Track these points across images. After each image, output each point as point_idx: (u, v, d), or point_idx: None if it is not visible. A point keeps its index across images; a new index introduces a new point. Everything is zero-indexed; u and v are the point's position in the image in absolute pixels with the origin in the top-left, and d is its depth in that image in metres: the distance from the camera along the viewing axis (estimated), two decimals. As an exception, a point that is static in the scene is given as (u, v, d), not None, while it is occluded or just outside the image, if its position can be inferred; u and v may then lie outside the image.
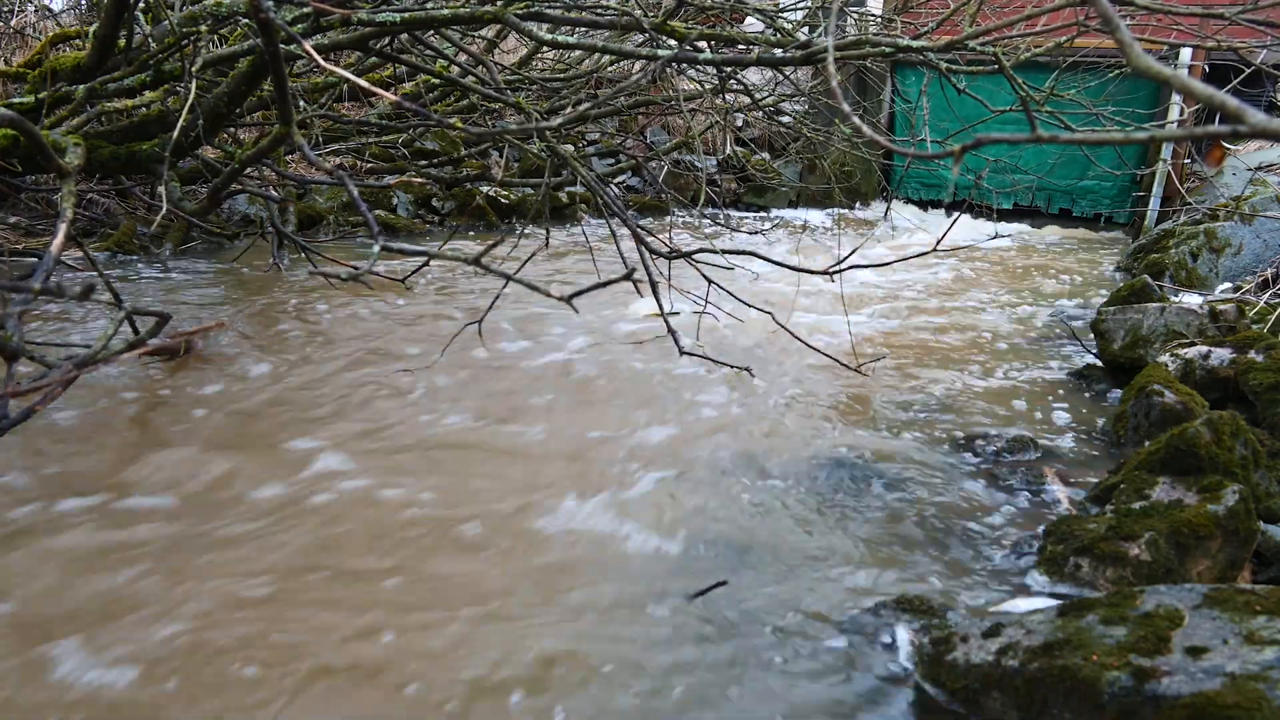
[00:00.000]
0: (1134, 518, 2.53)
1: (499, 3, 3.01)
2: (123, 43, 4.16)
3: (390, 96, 1.45)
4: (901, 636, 2.26)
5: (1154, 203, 9.11)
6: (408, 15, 3.09)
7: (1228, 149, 8.50)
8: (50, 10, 7.57)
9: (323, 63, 1.50)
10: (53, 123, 4.12)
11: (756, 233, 7.21)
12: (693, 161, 9.71)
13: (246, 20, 3.97)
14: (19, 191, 5.71)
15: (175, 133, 3.39)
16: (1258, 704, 1.61)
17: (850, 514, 2.97)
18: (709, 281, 3.89)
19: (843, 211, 10.43)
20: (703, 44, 3.50)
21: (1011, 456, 3.45)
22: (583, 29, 3.97)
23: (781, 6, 5.74)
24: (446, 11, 3.10)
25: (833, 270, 3.24)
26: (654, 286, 3.17)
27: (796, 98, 7.59)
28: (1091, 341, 4.75)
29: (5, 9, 7.32)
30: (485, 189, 8.59)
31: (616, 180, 9.23)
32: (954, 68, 3.64)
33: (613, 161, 9.24)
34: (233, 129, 5.81)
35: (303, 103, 4.74)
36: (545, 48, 4.85)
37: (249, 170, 5.27)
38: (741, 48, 3.21)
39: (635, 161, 7.71)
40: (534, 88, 5.80)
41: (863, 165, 10.53)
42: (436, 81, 5.56)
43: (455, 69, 4.55)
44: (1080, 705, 1.81)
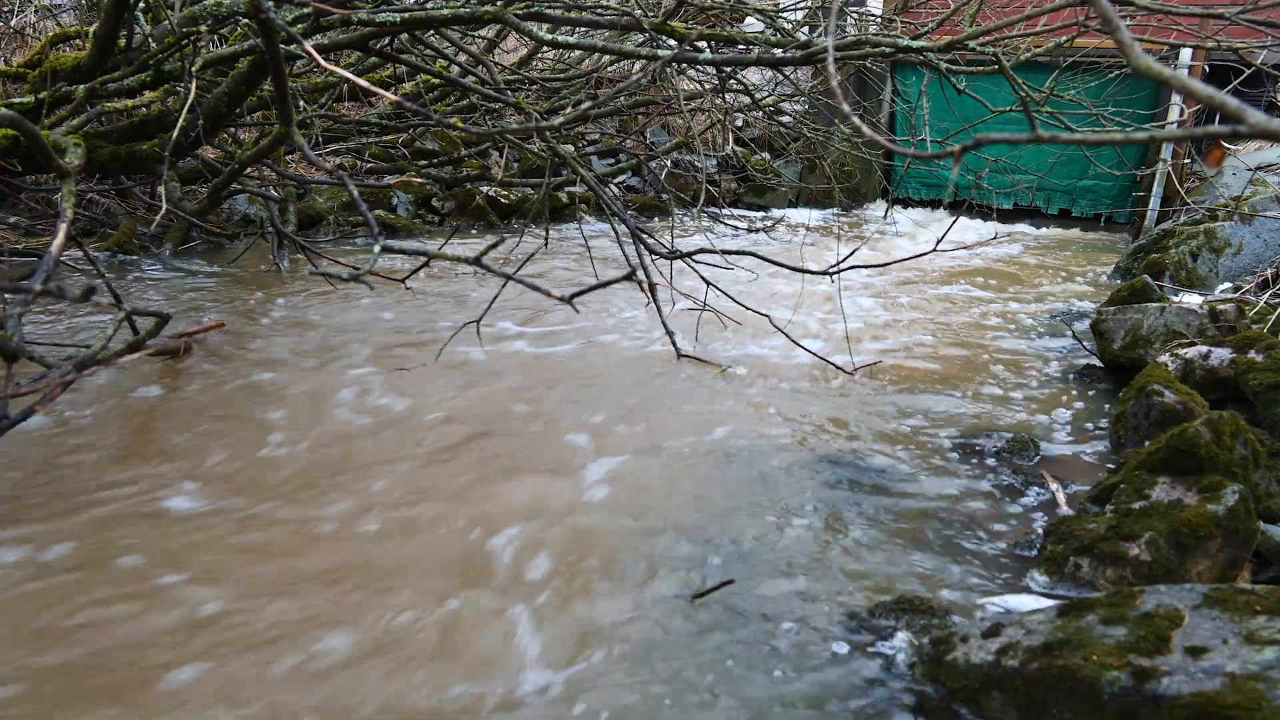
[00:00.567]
0: (1134, 518, 2.53)
1: (499, 3, 3.02)
2: (123, 43, 4.16)
3: (390, 96, 1.45)
4: (901, 636, 2.26)
5: (1154, 203, 9.10)
6: (408, 15, 3.09)
7: (1228, 149, 8.51)
8: (50, 10, 7.57)
9: (323, 63, 1.50)
10: (53, 123, 4.12)
11: (756, 231, 7.20)
12: (693, 161, 9.71)
13: (246, 20, 3.97)
14: (19, 191, 5.71)
15: (175, 133, 3.40)
16: (1258, 704, 1.61)
17: (849, 514, 2.97)
18: (707, 283, 3.90)
19: (842, 211, 10.43)
20: (703, 44, 3.50)
21: (1011, 457, 3.45)
22: (583, 29, 3.97)
23: (781, 6, 5.74)
24: (446, 11, 3.11)
25: (832, 270, 3.25)
26: (653, 287, 3.17)
27: (796, 98, 7.59)
28: (1091, 341, 4.75)
29: (5, 9, 7.32)
30: (485, 189, 8.59)
31: (616, 180, 9.22)
32: (954, 68, 3.65)
33: (613, 161, 9.24)
34: (233, 129, 5.81)
35: (303, 103, 4.74)
36: (545, 48, 4.86)
37: (249, 170, 5.27)
38: (741, 48, 3.21)
39: (635, 161, 7.71)
40: (534, 88, 5.81)
41: (863, 165, 10.54)
42: (436, 81, 5.56)
43: (455, 69, 4.55)
44: (1080, 705, 1.81)
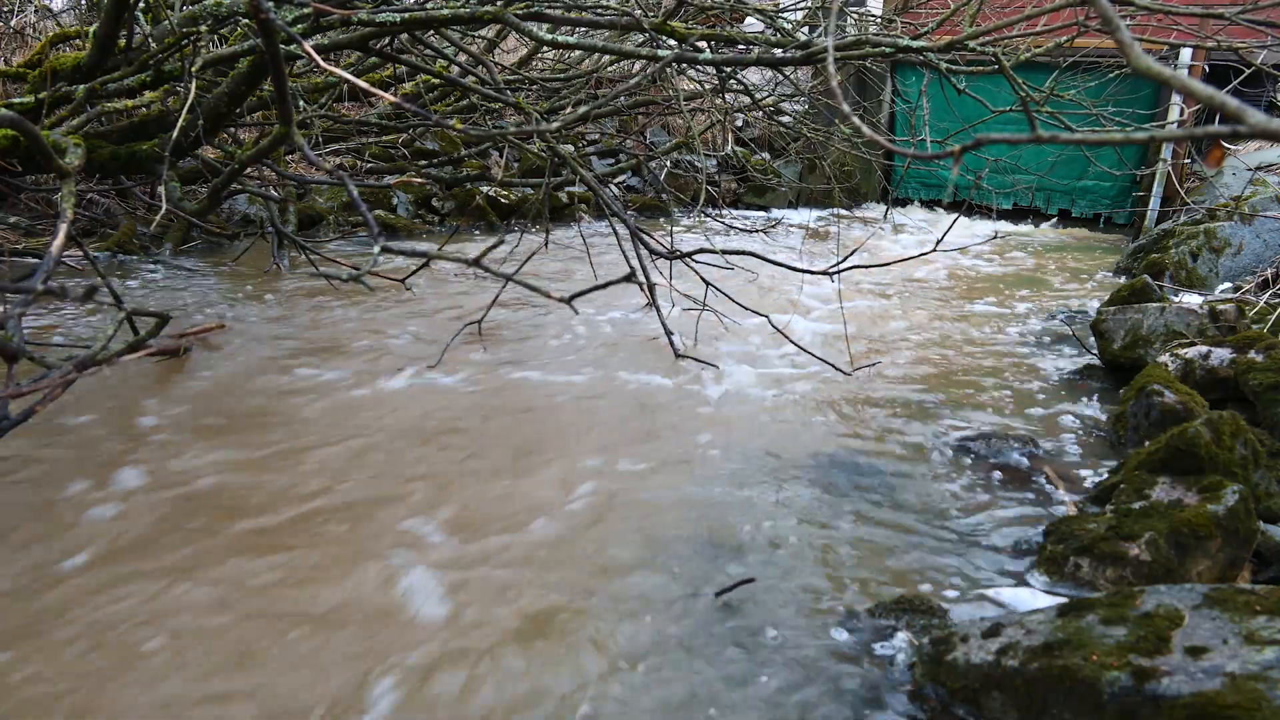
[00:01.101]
0: (1134, 518, 2.53)
1: (499, 3, 3.02)
2: (123, 43, 4.16)
3: (390, 97, 1.45)
4: (901, 636, 2.26)
5: (1154, 203, 9.10)
6: (408, 15, 3.09)
7: (1228, 149, 8.50)
8: (50, 10, 7.57)
9: (323, 63, 1.50)
10: (53, 123, 4.11)
11: (756, 231, 7.20)
12: (693, 161, 9.70)
13: (246, 20, 3.97)
14: (19, 191, 5.71)
15: (175, 133, 3.39)
16: (1258, 704, 1.61)
17: (849, 514, 2.97)
18: (707, 284, 3.89)
19: (843, 211, 10.43)
20: (703, 44, 3.50)
21: (1011, 456, 3.45)
22: (583, 29, 3.97)
23: (781, 6, 5.74)
24: (446, 11, 3.10)
25: (832, 271, 3.24)
26: (652, 288, 3.17)
27: (796, 98, 7.59)
28: (1091, 341, 4.74)
29: (5, 9, 7.32)
30: (485, 189, 8.59)
31: (616, 180, 9.22)
32: (954, 68, 3.65)
33: (613, 161, 9.24)
34: (233, 129, 5.81)
35: (303, 103, 4.74)
36: (545, 48, 4.85)
37: (249, 170, 5.27)
38: (741, 48, 3.21)
39: (635, 161, 7.71)
40: (534, 88, 5.80)
41: (863, 165, 10.54)
42: (436, 81, 5.56)
43: (455, 69, 4.55)
44: (1080, 705, 1.81)
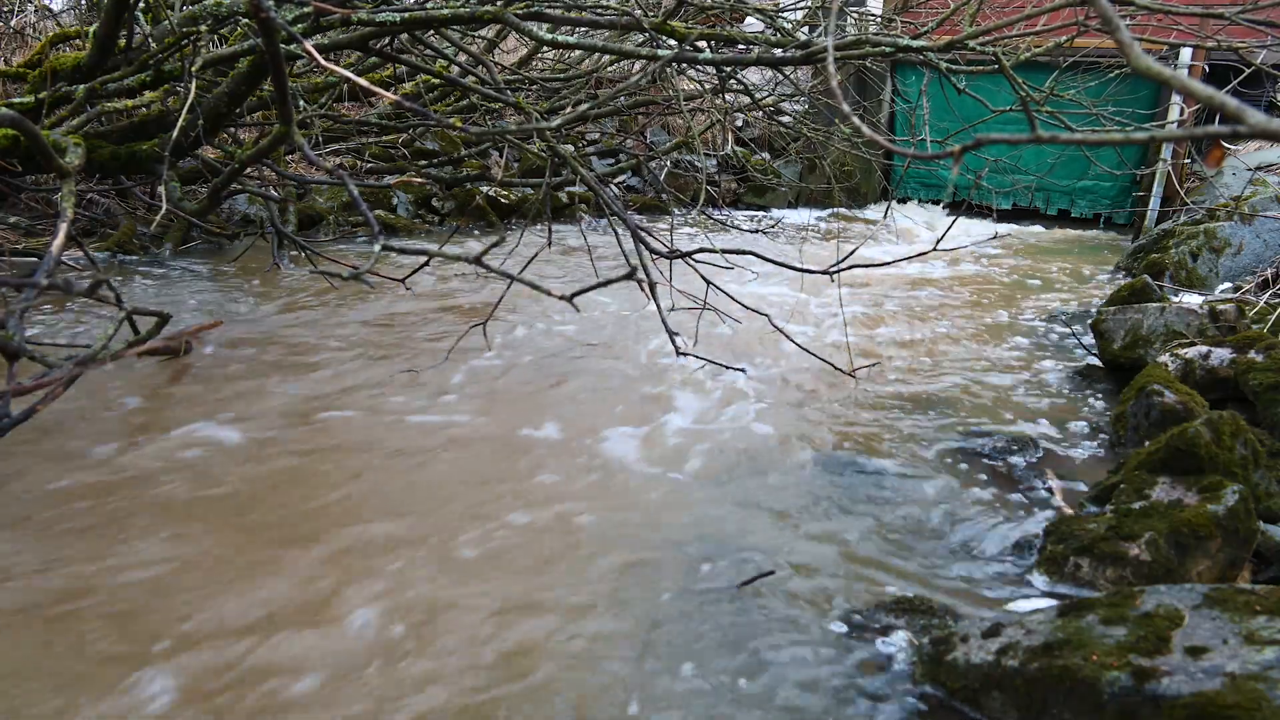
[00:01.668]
0: (1134, 518, 2.53)
1: (499, 3, 3.02)
2: (123, 43, 4.16)
3: (390, 96, 1.45)
4: (901, 636, 2.26)
5: (1154, 203, 9.11)
6: (408, 15, 3.09)
7: (1228, 149, 8.50)
8: (50, 10, 7.57)
9: (323, 62, 1.50)
10: (53, 123, 4.12)
11: (756, 231, 7.20)
12: (693, 161, 9.70)
13: (246, 20, 3.97)
14: (19, 191, 5.71)
15: (175, 133, 3.39)
16: (1258, 704, 1.61)
17: (849, 514, 2.97)
18: (707, 283, 3.89)
19: (842, 211, 10.43)
20: (703, 44, 3.50)
21: (1011, 456, 3.45)
22: (583, 29, 3.97)
23: (781, 6, 5.74)
24: (446, 11, 3.11)
25: (832, 270, 3.24)
26: (653, 287, 3.17)
27: (796, 98, 7.59)
28: (1091, 342, 4.74)
29: (5, 9, 7.32)
30: (485, 189, 8.59)
31: (616, 180, 9.22)
32: (954, 68, 3.65)
33: (613, 161, 9.24)
34: (233, 129, 5.81)
35: (303, 103, 4.74)
36: (545, 48, 4.85)
37: (249, 170, 5.27)
38: (741, 48, 3.21)
39: (635, 161, 7.71)
40: (534, 88, 5.80)
41: (863, 165, 10.54)
42: (436, 81, 5.56)
43: (455, 69, 4.55)
44: (1080, 705, 1.81)
